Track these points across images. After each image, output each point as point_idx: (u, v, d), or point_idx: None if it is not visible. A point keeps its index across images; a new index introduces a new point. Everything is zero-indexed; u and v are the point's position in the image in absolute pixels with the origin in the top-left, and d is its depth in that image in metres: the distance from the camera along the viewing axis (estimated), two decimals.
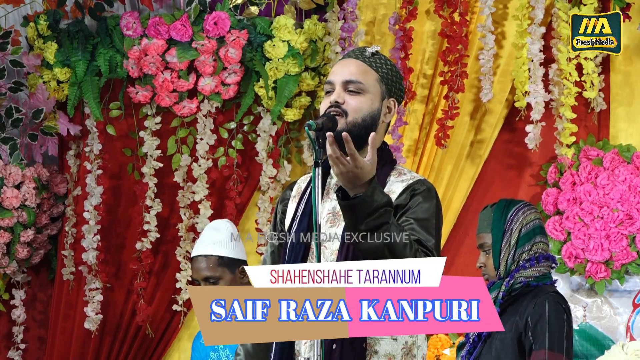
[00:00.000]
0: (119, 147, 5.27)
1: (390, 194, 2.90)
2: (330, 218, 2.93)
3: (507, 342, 3.43)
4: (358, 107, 2.90)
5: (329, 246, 2.90)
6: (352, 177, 2.69)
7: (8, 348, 5.37)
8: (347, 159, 2.67)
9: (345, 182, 2.71)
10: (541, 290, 3.47)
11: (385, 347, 2.87)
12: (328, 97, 2.93)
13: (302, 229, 2.92)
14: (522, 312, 3.43)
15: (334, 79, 2.94)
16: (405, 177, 2.95)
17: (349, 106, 2.90)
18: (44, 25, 5.20)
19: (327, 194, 2.95)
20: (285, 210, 3.05)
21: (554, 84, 4.89)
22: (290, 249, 2.92)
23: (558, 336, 3.38)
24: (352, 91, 2.92)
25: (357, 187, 2.70)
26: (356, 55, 2.98)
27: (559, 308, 3.42)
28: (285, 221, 3.03)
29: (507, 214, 3.54)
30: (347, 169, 2.68)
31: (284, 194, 3.08)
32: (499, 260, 3.50)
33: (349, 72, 2.93)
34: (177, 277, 5.15)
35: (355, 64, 2.95)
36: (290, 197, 3.06)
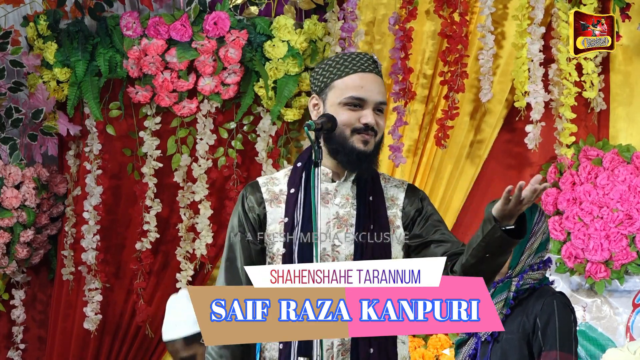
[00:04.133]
0: (118, 147, 5.26)
1: (396, 200, 2.98)
2: (336, 223, 2.93)
3: (514, 342, 3.44)
4: (383, 126, 2.97)
5: (342, 250, 2.90)
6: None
7: (8, 348, 5.37)
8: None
9: (514, 215, 2.75)
10: (545, 291, 3.49)
11: (402, 351, 2.94)
12: (353, 111, 2.91)
13: (308, 232, 2.90)
14: (529, 312, 3.44)
15: (367, 97, 2.92)
16: (396, 182, 3.04)
17: (379, 127, 2.95)
18: (44, 25, 5.20)
19: (323, 199, 2.94)
20: (265, 213, 2.99)
21: (554, 84, 4.89)
22: (299, 254, 2.89)
23: (568, 337, 3.40)
24: (380, 111, 2.95)
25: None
26: (376, 71, 2.97)
27: (567, 309, 3.45)
28: (265, 225, 2.98)
29: (534, 217, 3.54)
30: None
31: (255, 197, 3.01)
32: (518, 260, 3.50)
33: (380, 93, 2.95)
34: (177, 277, 5.15)
35: (381, 82, 2.97)
36: (265, 201, 3.01)
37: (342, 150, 2.90)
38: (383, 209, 2.95)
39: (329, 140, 2.90)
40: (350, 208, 2.94)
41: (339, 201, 2.94)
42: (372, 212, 2.92)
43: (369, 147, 2.91)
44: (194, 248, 5.14)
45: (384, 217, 2.94)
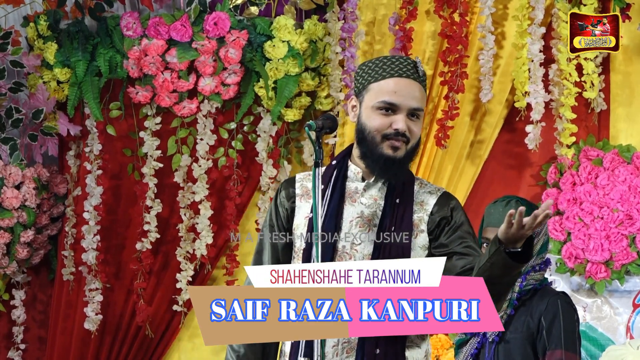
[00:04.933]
0: (119, 147, 5.26)
1: (424, 205, 2.95)
2: (359, 222, 2.91)
3: (519, 342, 3.44)
4: (417, 133, 2.93)
5: (360, 250, 2.89)
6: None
7: (8, 348, 5.37)
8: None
9: (520, 240, 2.72)
10: (548, 291, 3.49)
11: (414, 354, 2.91)
12: (385, 115, 2.89)
13: (329, 230, 2.89)
14: (533, 312, 3.44)
15: (401, 103, 2.89)
16: (430, 189, 3.00)
17: (412, 133, 2.91)
18: (44, 25, 5.20)
19: (351, 198, 2.94)
20: (294, 208, 3.01)
21: (554, 84, 4.89)
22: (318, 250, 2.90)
23: (572, 336, 3.41)
24: (414, 116, 2.91)
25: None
26: (414, 76, 2.93)
27: (571, 308, 3.46)
28: (293, 220, 3.00)
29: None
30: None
31: (287, 192, 3.03)
32: None
33: (415, 99, 2.90)
34: (177, 278, 5.15)
35: (418, 88, 2.92)
36: (297, 195, 3.02)
37: (370, 155, 2.88)
38: (409, 212, 2.91)
39: (361, 142, 2.90)
40: (377, 209, 2.92)
41: (365, 201, 2.93)
42: (397, 214, 2.90)
43: (398, 154, 2.88)
44: (194, 248, 5.14)
45: (408, 220, 2.90)
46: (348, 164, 2.99)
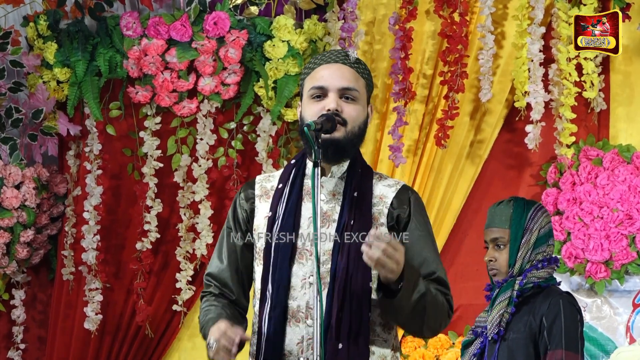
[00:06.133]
0: (119, 147, 5.26)
1: (384, 198, 2.92)
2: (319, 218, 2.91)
3: (521, 341, 3.44)
4: (355, 115, 2.89)
5: (321, 246, 2.86)
6: (398, 269, 2.70)
7: (8, 348, 5.37)
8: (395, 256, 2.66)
9: (393, 275, 2.71)
10: (553, 291, 3.49)
11: (380, 348, 2.88)
12: (318, 101, 2.89)
13: (287, 229, 2.89)
14: (536, 312, 3.44)
15: (328, 85, 2.89)
16: (390, 182, 2.97)
17: (348, 115, 2.88)
18: (44, 25, 5.20)
19: (309, 195, 2.92)
20: (253, 209, 2.99)
21: (554, 84, 4.89)
22: (276, 250, 2.88)
23: (574, 336, 3.40)
24: (348, 98, 2.89)
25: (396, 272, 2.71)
26: (342, 60, 2.93)
27: (573, 309, 3.45)
28: (252, 220, 2.99)
29: (528, 212, 3.53)
30: (398, 266, 2.69)
31: (246, 193, 3.01)
32: (515, 258, 3.50)
33: (344, 79, 2.90)
34: (177, 277, 5.15)
35: (347, 70, 2.91)
36: (256, 196, 3.00)
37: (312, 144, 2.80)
38: (367, 205, 2.89)
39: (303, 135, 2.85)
40: (335, 204, 2.91)
41: (324, 197, 2.91)
42: (355, 208, 2.87)
43: (335, 134, 2.84)
44: (194, 248, 5.14)
45: (367, 214, 2.88)
46: (306, 162, 2.98)
